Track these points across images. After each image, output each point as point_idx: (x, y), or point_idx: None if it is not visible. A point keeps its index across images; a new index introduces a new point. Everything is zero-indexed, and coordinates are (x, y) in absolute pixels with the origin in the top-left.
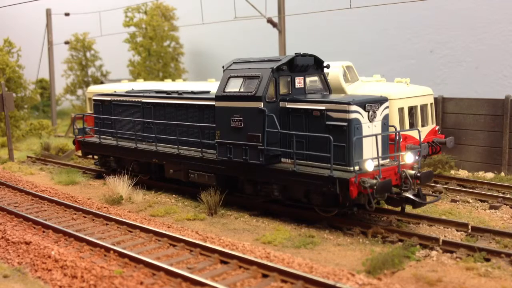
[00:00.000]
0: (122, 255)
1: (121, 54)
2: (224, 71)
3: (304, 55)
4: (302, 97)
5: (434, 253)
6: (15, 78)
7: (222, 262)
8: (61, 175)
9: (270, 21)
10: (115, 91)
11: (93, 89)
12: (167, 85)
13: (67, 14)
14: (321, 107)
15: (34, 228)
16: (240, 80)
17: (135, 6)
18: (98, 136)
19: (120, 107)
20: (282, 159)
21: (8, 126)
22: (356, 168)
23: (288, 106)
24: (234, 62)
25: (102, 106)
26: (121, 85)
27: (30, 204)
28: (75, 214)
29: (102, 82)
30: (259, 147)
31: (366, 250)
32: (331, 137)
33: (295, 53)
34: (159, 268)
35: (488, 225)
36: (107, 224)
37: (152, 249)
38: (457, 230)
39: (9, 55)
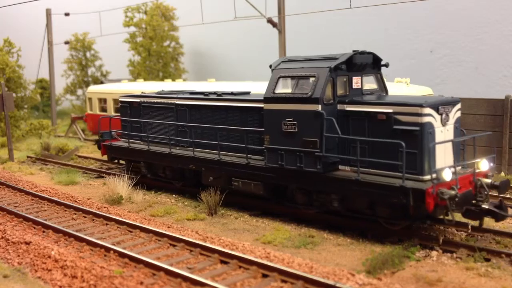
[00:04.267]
0: (122, 255)
1: (121, 54)
2: (272, 70)
3: (363, 52)
4: (363, 98)
5: (434, 253)
6: (15, 78)
7: (222, 262)
8: (61, 175)
9: (270, 21)
10: (142, 92)
11: (93, 89)
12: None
13: (67, 14)
14: (388, 109)
15: (34, 228)
16: (292, 81)
17: (135, 6)
18: (126, 140)
19: (150, 109)
20: (340, 166)
21: (8, 126)
22: (433, 177)
23: (347, 108)
24: (282, 61)
25: (130, 108)
26: (126, 84)
27: (30, 204)
28: (75, 214)
29: (102, 82)
30: (316, 153)
31: (366, 250)
32: (403, 143)
33: (353, 51)
34: (159, 268)
35: (488, 225)
36: (107, 224)
37: (152, 249)
38: (457, 230)
39: (9, 55)
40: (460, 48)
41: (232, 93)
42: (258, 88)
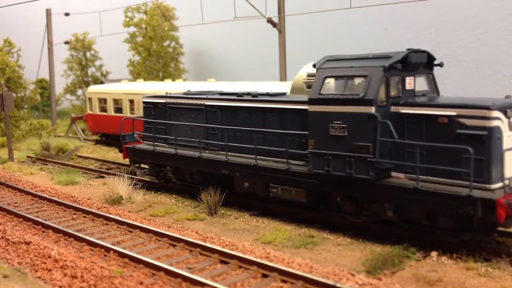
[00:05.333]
0: (122, 255)
1: (121, 54)
2: (317, 70)
3: (417, 51)
4: (420, 100)
5: (434, 253)
6: (15, 78)
7: (222, 262)
8: (61, 175)
9: (270, 21)
10: (166, 93)
11: (93, 89)
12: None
13: (67, 14)
14: (451, 112)
15: (34, 228)
16: (340, 81)
17: (135, 6)
18: (150, 142)
19: (177, 111)
20: (392, 173)
21: (8, 126)
22: (502, 185)
23: (402, 111)
24: (327, 60)
25: (155, 109)
26: (126, 84)
27: (30, 204)
28: (75, 214)
29: (102, 82)
30: (368, 159)
31: (366, 250)
32: (470, 149)
33: (407, 49)
34: (159, 268)
35: None
36: (107, 224)
37: (152, 249)
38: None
39: (9, 55)
40: (460, 48)
41: (268, 94)
42: (258, 88)
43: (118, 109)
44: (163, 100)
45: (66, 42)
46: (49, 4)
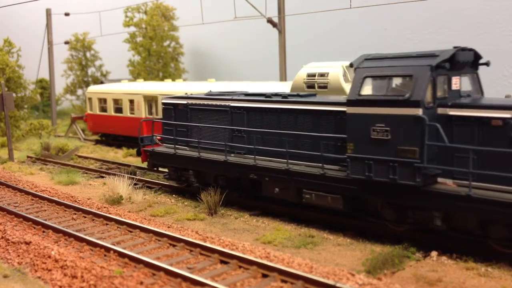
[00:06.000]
0: (122, 255)
1: (121, 54)
2: (355, 69)
3: (464, 49)
4: (470, 101)
5: (434, 253)
6: (15, 78)
7: (222, 262)
8: (61, 175)
9: (270, 21)
10: (186, 93)
11: (93, 89)
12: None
13: (67, 14)
14: (505, 114)
15: (34, 228)
16: (382, 81)
17: (135, 6)
18: (170, 145)
19: (200, 112)
20: (439, 179)
21: (8, 126)
22: None
23: (451, 113)
24: (365, 59)
25: (175, 110)
26: (124, 84)
27: (30, 204)
28: (75, 214)
29: (102, 82)
30: (415, 164)
31: (366, 250)
32: None
33: (454, 47)
34: (159, 268)
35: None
36: (107, 224)
37: (152, 249)
38: None
39: (9, 55)
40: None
41: (298, 95)
42: (259, 88)
43: (118, 109)
44: (184, 101)
45: (66, 42)
46: (49, 4)
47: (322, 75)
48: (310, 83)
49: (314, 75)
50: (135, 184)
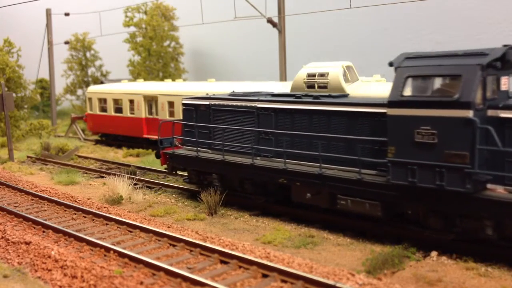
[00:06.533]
0: (122, 255)
1: (121, 54)
2: (396, 69)
3: None
4: None
5: (434, 253)
6: (15, 78)
7: (222, 262)
8: (61, 175)
9: (270, 21)
10: (207, 94)
11: (93, 89)
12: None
13: (67, 14)
14: None
15: (34, 228)
16: (427, 81)
17: (135, 6)
18: (191, 147)
19: (223, 113)
20: (488, 185)
21: (8, 126)
22: None
23: (502, 115)
24: (406, 58)
25: (196, 111)
26: (124, 84)
27: (30, 204)
28: (75, 214)
29: (102, 82)
30: (465, 169)
31: (366, 250)
32: None
33: (504, 45)
34: (159, 268)
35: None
36: (107, 224)
37: (152, 249)
38: None
39: (9, 55)
40: (460, 48)
41: (331, 96)
42: (260, 88)
43: (118, 109)
44: (206, 102)
45: (66, 42)
46: (49, 4)
47: (322, 75)
48: (310, 83)
49: (314, 75)
50: (135, 184)
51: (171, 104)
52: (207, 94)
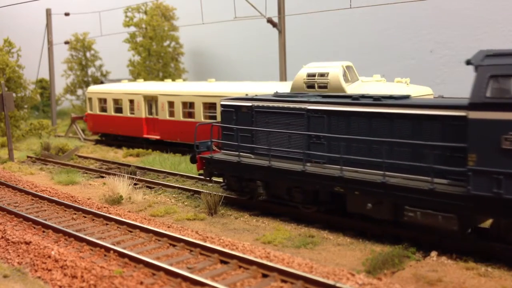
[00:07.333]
0: (122, 255)
1: (121, 54)
2: (476, 68)
3: None
4: None
5: (434, 253)
6: (15, 78)
7: (222, 262)
8: (61, 175)
9: (270, 21)
10: (247, 95)
11: (94, 89)
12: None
13: (67, 14)
14: None
15: (34, 228)
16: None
17: (135, 6)
18: (230, 152)
19: (268, 116)
20: None
21: (8, 126)
22: None
23: None
24: (486, 56)
25: (237, 113)
26: (124, 84)
27: (30, 204)
28: (75, 214)
29: (102, 82)
30: None
31: (366, 250)
32: None
33: None
34: (159, 268)
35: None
36: (107, 224)
37: (152, 249)
38: None
39: (9, 55)
40: (460, 48)
41: (392, 97)
42: (259, 88)
43: (118, 109)
44: (248, 103)
45: (66, 42)
46: (49, 4)
47: (322, 75)
48: (310, 83)
49: (314, 75)
50: (135, 184)
51: (171, 104)
52: (246, 95)
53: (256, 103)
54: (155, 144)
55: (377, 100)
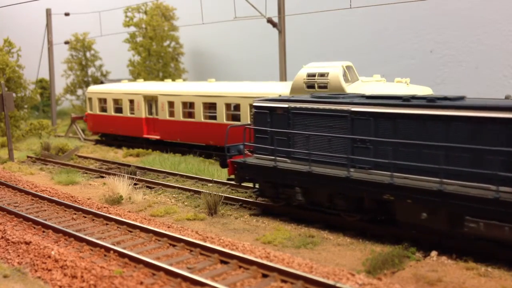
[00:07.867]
0: (122, 255)
1: (121, 54)
2: None
3: None
4: None
5: (434, 253)
6: (15, 78)
7: (222, 262)
8: (61, 175)
9: (270, 21)
10: (280, 95)
11: (94, 89)
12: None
13: (67, 14)
14: None
15: (34, 228)
16: None
17: (135, 6)
18: (264, 156)
19: (306, 118)
20: None
21: (8, 126)
22: None
23: None
24: None
25: (271, 115)
26: (124, 84)
27: (30, 204)
28: (75, 214)
29: (102, 82)
30: None
31: (366, 250)
32: None
33: None
34: (159, 268)
35: None
36: (107, 224)
37: (152, 249)
38: None
39: (9, 55)
40: (460, 48)
41: (447, 98)
42: (259, 88)
43: (118, 109)
44: (284, 105)
45: (66, 42)
46: (49, 4)
47: (322, 75)
48: (310, 83)
49: (314, 75)
50: (135, 184)
51: (171, 104)
52: (279, 95)
53: (293, 105)
54: (155, 144)
55: (431, 101)
